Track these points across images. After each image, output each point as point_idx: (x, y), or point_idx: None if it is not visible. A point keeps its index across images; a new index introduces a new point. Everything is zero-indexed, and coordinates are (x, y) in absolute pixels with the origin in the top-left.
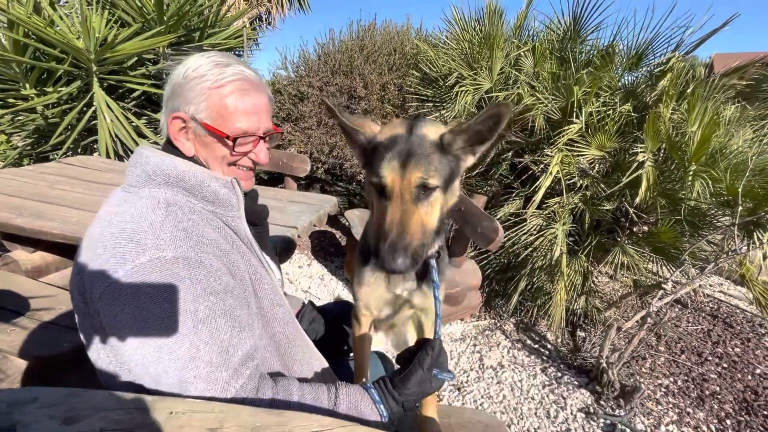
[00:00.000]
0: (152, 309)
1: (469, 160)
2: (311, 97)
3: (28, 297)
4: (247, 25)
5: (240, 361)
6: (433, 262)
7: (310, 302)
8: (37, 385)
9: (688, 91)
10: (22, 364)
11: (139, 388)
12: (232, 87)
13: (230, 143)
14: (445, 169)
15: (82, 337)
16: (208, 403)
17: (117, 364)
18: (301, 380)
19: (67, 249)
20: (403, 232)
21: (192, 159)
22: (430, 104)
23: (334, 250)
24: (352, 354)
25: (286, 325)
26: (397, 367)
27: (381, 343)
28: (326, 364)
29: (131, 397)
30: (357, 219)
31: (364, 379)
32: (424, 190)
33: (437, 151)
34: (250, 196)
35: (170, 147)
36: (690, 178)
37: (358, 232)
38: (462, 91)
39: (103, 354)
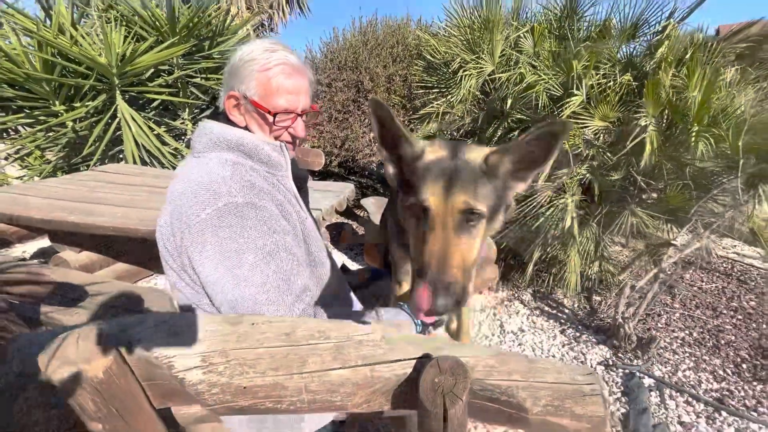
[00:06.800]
0: (230, 244)
1: (519, 187)
2: (320, 94)
3: (84, 286)
4: (251, 33)
5: (300, 288)
6: None
7: (344, 265)
8: None
9: (687, 56)
10: None
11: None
12: (276, 70)
13: (271, 118)
14: (491, 195)
15: (168, 278)
16: (281, 317)
17: (198, 296)
18: None
19: (107, 249)
20: (444, 268)
21: (245, 129)
22: (436, 90)
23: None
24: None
25: (331, 268)
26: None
27: None
28: (361, 307)
29: (219, 315)
30: (373, 206)
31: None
32: (469, 217)
33: (483, 176)
34: (293, 162)
35: (225, 120)
36: (693, 139)
37: (376, 218)
38: (466, 75)
39: (187, 290)
